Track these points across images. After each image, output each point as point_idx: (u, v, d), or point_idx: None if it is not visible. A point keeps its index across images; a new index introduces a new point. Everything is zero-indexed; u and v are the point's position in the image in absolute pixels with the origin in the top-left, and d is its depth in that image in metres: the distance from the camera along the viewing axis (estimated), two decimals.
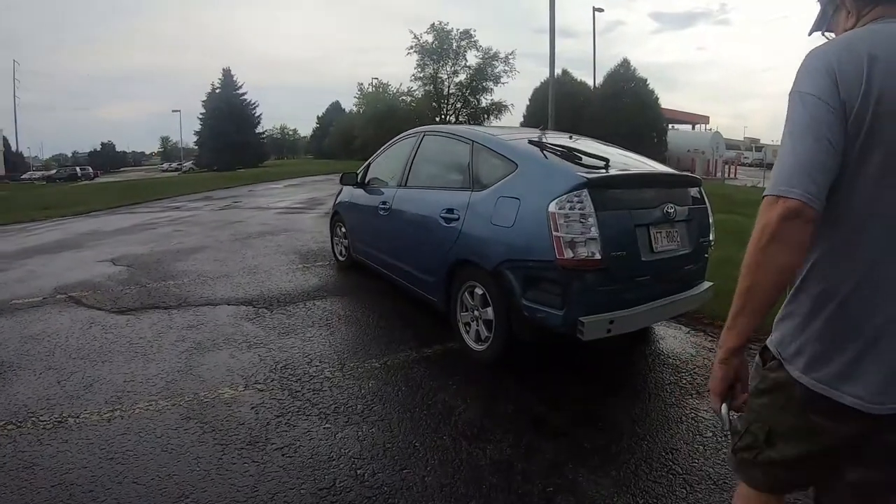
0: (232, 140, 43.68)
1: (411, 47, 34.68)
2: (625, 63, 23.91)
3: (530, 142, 3.12)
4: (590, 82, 26.31)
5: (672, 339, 3.54)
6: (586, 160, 2.87)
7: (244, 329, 3.71)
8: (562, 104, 20.23)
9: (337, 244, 5.59)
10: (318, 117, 62.62)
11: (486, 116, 34.97)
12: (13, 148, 52.96)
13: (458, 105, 36.94)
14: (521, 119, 26.70)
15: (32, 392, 2.84)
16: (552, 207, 2.53)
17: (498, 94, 37.23)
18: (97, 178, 43.36)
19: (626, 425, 2.39)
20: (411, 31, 34.76)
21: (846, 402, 0.93)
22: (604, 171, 2.77)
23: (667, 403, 2.62)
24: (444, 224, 3.24)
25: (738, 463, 1.12)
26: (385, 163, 4.62)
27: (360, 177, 4.88)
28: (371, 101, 35.97)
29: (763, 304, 0.93)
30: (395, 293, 4.28)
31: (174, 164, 58.44)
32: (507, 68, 34.63)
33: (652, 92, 23.57)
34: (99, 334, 3.72)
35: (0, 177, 43.11)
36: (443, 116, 34.71)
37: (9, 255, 7.03)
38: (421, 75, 35.69)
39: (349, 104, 46.97)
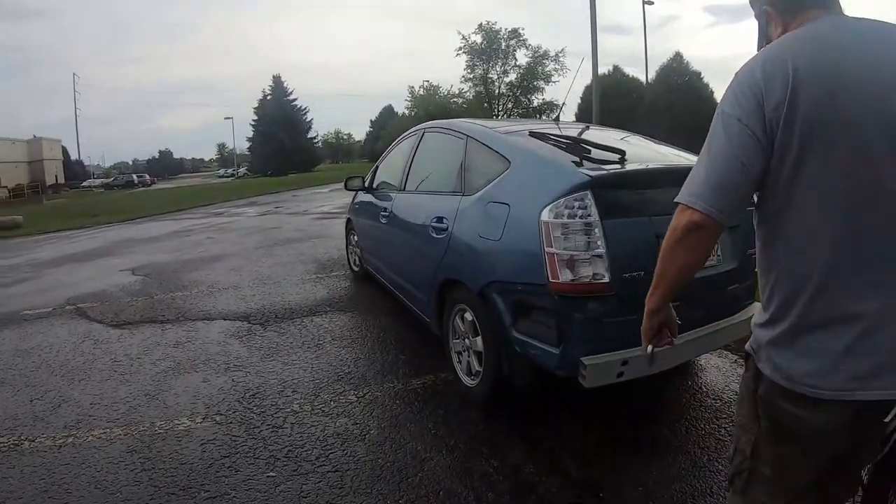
0: (284, 145, 45.01)
1: (460, 48, 34.50)
2: (677, 57, 22.76)
3: (531, 134, 2.58)
4: (643, 78, 25.13)
5: (715, 370, 2.92)
6: (597, 153, 2.28)
7: (229, 349, 3.44)
8: (613, 101, 19.34)
9: (351, 253, 5.28)
10: (371, 121, 63.52)
11: (538, 116, 34.17)
12: (73, 157, 56.58)
13: (510, 105, 36.34)
14: (573, 118, 25.84)
15: (3, 410, 2.80)
16: (545, 215, 1.99)
17: (550, 92, 36.40)
18: (153, 185, 45.79)
19: (637, 498, 1.85)
20: (459, 32, 34.55)
21: (799, 390, 0.93)
22: (617, 166, 2.20)
23: (696, 464, 2.03)
24: (435, 235, 2.75)
25: (738, 491, 1.10)
26: (389, 164, 4.20)
27: (367, 181, 4.52)
28: (422, 103, 35.96)
29: (672, 286, 1.07)
30: (401, 310, 3.86)
31: (229, 170, 60.97)
32: (557, 66, 33.76)
33: (707, 85, 22.18)
34: (88, 349, 3.61)
35: (60, 185, 46.28)
36: (494, 117, 34.26)
37: (42, 263, 7.27)
38: (471, 76, 35.45)
39: (402, 107, 47.29)
